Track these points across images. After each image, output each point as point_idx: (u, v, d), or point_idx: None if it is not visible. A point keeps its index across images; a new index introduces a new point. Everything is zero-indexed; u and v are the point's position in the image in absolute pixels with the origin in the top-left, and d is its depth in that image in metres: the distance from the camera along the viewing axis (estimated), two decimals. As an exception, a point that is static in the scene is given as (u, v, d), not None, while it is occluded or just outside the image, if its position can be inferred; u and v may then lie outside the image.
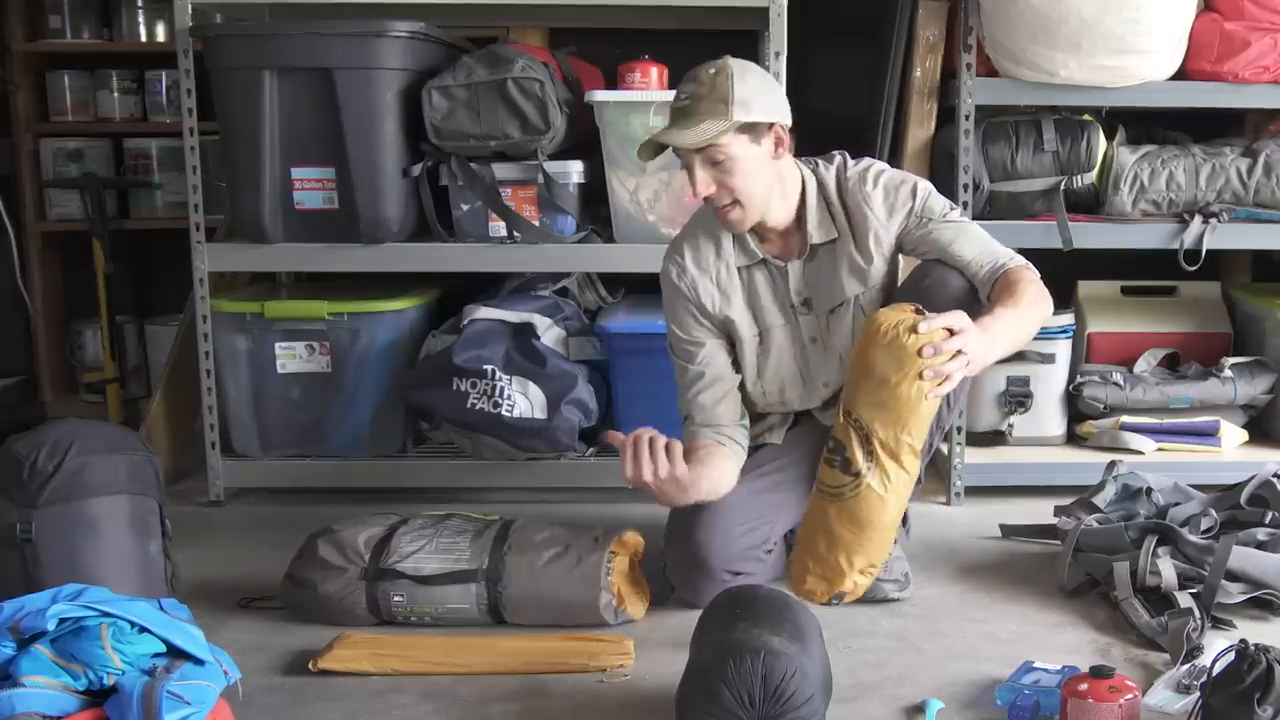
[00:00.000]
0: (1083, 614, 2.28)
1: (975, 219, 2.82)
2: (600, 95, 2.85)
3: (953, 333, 1.95)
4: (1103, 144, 2.96)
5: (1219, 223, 2.91)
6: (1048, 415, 3.09)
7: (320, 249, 2.90)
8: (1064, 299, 3.17)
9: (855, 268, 2.28)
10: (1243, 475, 2.59)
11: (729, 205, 2.20)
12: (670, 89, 2.88)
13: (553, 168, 2.86)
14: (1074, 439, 3.13)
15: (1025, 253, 2.28)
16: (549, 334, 2.96)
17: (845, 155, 2.35)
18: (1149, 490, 2.57)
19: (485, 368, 2.84)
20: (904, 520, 2.37)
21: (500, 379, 2.83)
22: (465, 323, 2.95)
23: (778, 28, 2.86)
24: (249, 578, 2.45)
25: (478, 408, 2.83)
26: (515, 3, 3.08)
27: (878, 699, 1.95)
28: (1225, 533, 2.33)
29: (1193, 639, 2.04)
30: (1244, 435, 3.08)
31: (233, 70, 2.81)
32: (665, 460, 2.07)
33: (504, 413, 2.82)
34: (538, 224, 2.89)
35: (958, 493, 2.98)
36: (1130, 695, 1.73)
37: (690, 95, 2.14)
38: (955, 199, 2.85)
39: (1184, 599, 2.16)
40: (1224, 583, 2.19)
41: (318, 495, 2.99)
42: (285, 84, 2.80)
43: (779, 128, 2.20)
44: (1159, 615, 2.14)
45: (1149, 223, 2.95)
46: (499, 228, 2.90)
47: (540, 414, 2.85)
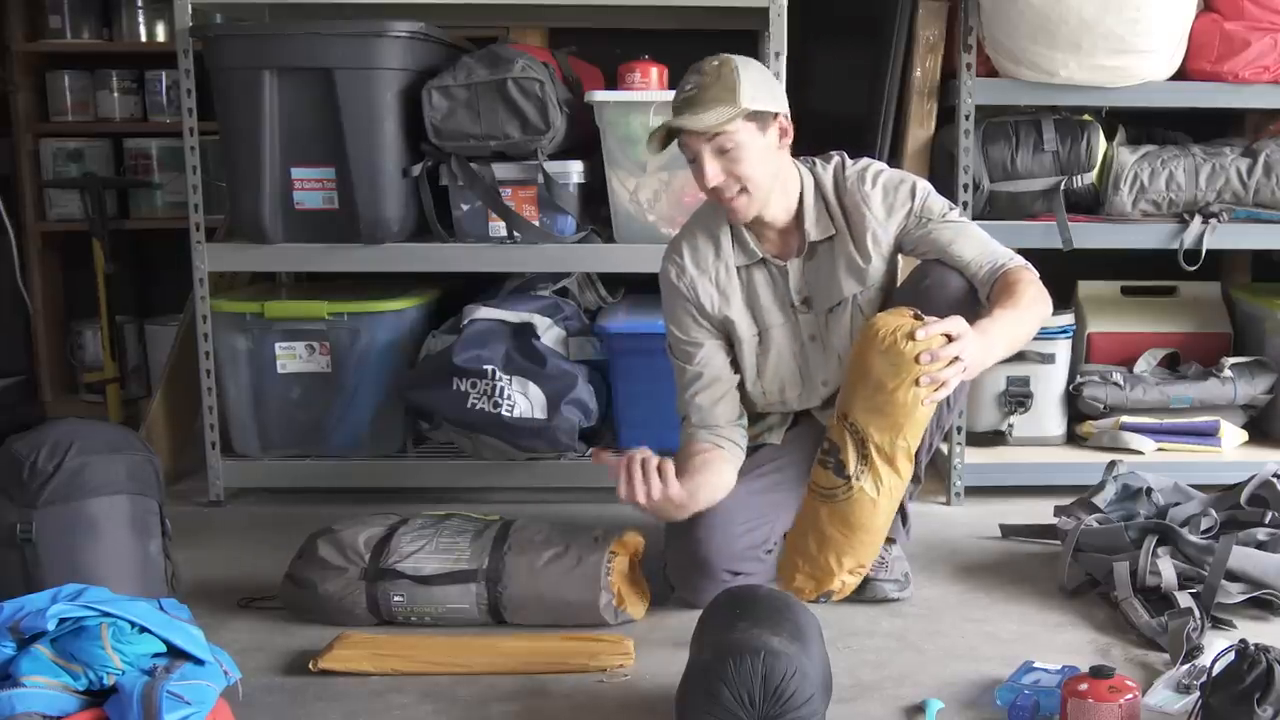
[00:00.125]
0: (1083, 614, 2.28)
1: (975, 219, 2.82)
2: (600, 95, 2.85)
3: (950, 338, 1.95)
4: (1103, 144, 2.96)
5: (1219, 223, 2.90)
6: (1048, 415, 3.09)
7: (320, 249, 2.90)
8: (1064, 299, 3.17)
9: (853, 267, 2.28)
10: (1243, 475, 2.59)
11: (737, 195, 2.19)
12: (670, 89, 2.88)
13: (553, 168, 2.86)
14: (1074, 439, 3.13)
15: (1025, 253, 2.28)
16: (549, 334, 2.96)
17: (843, 155, 2.35)
18: (1149, 490, 2.57)
19: (485, 368, 2.84)
20: (904, 520, 2.38)
21: (500, 379, 2.83)
22: (465, 323, 2.95)
23: (778, 28, 2.86)
24: (249, 578, 2.45)
25: (478, 408, 2.83)
26: (515, 3, 3.08)
27: (878, 699, 1.95)
28: (1225, 533, 2.33)
29: (1193, 639, 2.04)
30: (1244, 435, 3.08)
31: (233, 70, 2.81)
32: (658, 482, 2.07)
33: (504, 413, 2.82)
34: (538, 224, 2.89)
35: (958, 493, 2.98)
36: (1130, 695, 1.73)
37: (697, 85, 2.14)
38: (955, 199, 2.85)
39: (1184, 599, 2.16)
40: (1224, 583, 2.18)
41: (318, 495, 2.99)
42: (285, 84, 2.80)
43: (783, 118, 2.22)
44: (1159, 615, 2.14)
45: (1149, 223, 2.95)
46: (499, 228, 2.90)
47: (540, 414, 2.85)
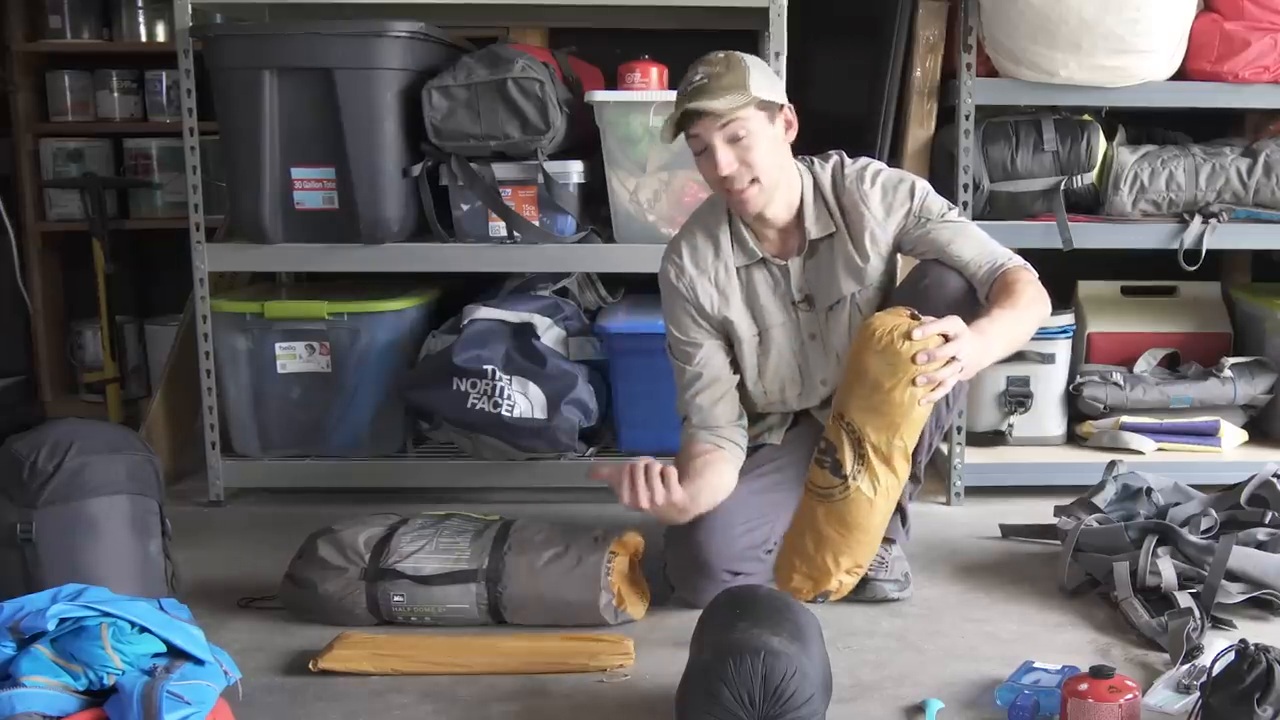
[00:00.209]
0: (1083, 614, 2.28)
1: (975, 219, 2.82)
2: (600, 95, 2.85)
3: (947, 338, 1.95)
4: (1103, 144, 2.96)
5: (1219, 223, 2.90)
6: (1048, 415, 3.09)
7: (320, 249, 2.90)
8: (1064, 299, 3.17)
9: (851, 266, 2.28)
10: (1243, 475, 2.58)
11: (748, 185, 2.18)
12: (670, 89, 2.89)
13: (553, 168, 2.86)
14: (1074, 439, 3.13)
15: (1025, 253, 2.27)
16: (549, 334, 2.96)
17: (842, 154, 2.34)
18: (1149, 490, 2.57)
19: (485, 368, 2.84)
20: (904, 520, 2.38)
21: (500, 379, 2.83)
22: (465, 323, 2.95)
23: (778, 28, 2.86)
24: (249, 578, 2.45)
25: (478, 408, 2.83)
26: (515, 3, 3.08)
27: (878, 699, 1.95)
28: (1225, 533, 2.33)
29: (1193, 639, 2.04)
30: (1244, 435, 3.08)
31: (233, 70, 2.81)
32: (661, 488, 2.07)
33: (504, 413, 2.82)
34: (538, 224, 2.89)
35: (958, 493, 2.97)
36: (1130, 695, 1.73)
37: (707, 75, 2.14)
38: (955, 199, 2.85)
39: (1184, 599, 2.16)
40: (1224, 583, 2.18)
41: (318, 495, 2.99)
42: (285, 84, 2.80)
43: (787, 110, 2.23)
44: (1159, 615, 2.13)
45: (1149, 223, 2.95)
46: (499, 228, 2.90)
47: (540, 414, 2.85)
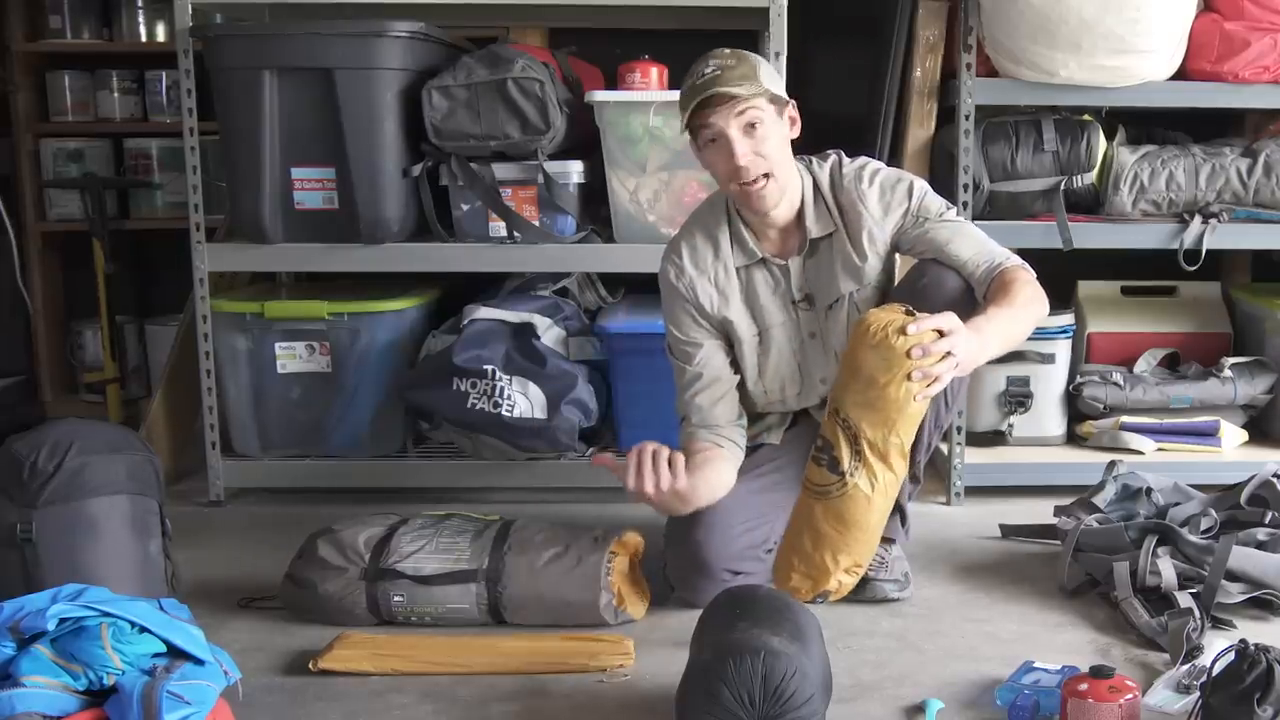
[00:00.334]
0: (1083, 614, 2.28)
1: (975, 219, 2.82)
2: (600, 95, 2.85)
3: (942, 334, 1.95)
4: (1103, 144, 2.96)
5: (1219, 223, 2.90)
6: (1048, 415, 3.09)
7: (320, 249, 2.90)
8: (1064, 299, 3.17)
9: (849, 265, 2.28)
10: (1243, 475, 2.58)
11: (762, 179, 2.18)
12: (670, 89, 2.89)
13: (553, 168, 2.86)
14: (1074, 439, 3.13)
15: (1025, 253, 2.27)
16: (549, 334, 2.96)
17: (840, 154, 2.34)
18: (1149, 490, 2.57)
19: (485, 368, 2.84)
20: (903, 520, 2.38)
21: (500, 379, 2.83)
22: (465, 323, 2.95)
23: (778, 28, 2.86)
24: (249, 578, 2.45)
25: (478, 408, 2.83)
26: (515, 3, 3.08)
27: (878, 699, 1.95)
28: (1225, 533, 2.33)
29: (1193, 639, 2.04)
30: (1244, 435, 3.08)
31: (233, 70, 2.81)
32: (668, 473, 2.07)
33: (504, 413, 2.82)
34: (538, 224, 2.89)
35: (958, 493, 2.97)
36: (1130, 695, 1.73)
37: (719, 67, 2.14)
38: (955, 199, 2.85)
39: (1184, 599, 2.16)
40: (1224, 583, 2.18)
41: (318, 495, 2.99)
42: (285, 84, 2.80)
43: (791, 108, 2.23)
44: (1159, 615, 2.13)
45: (1149, 223, 2.95)
46: (499, 228, 2.90)
47: (540, 414, 2.85)
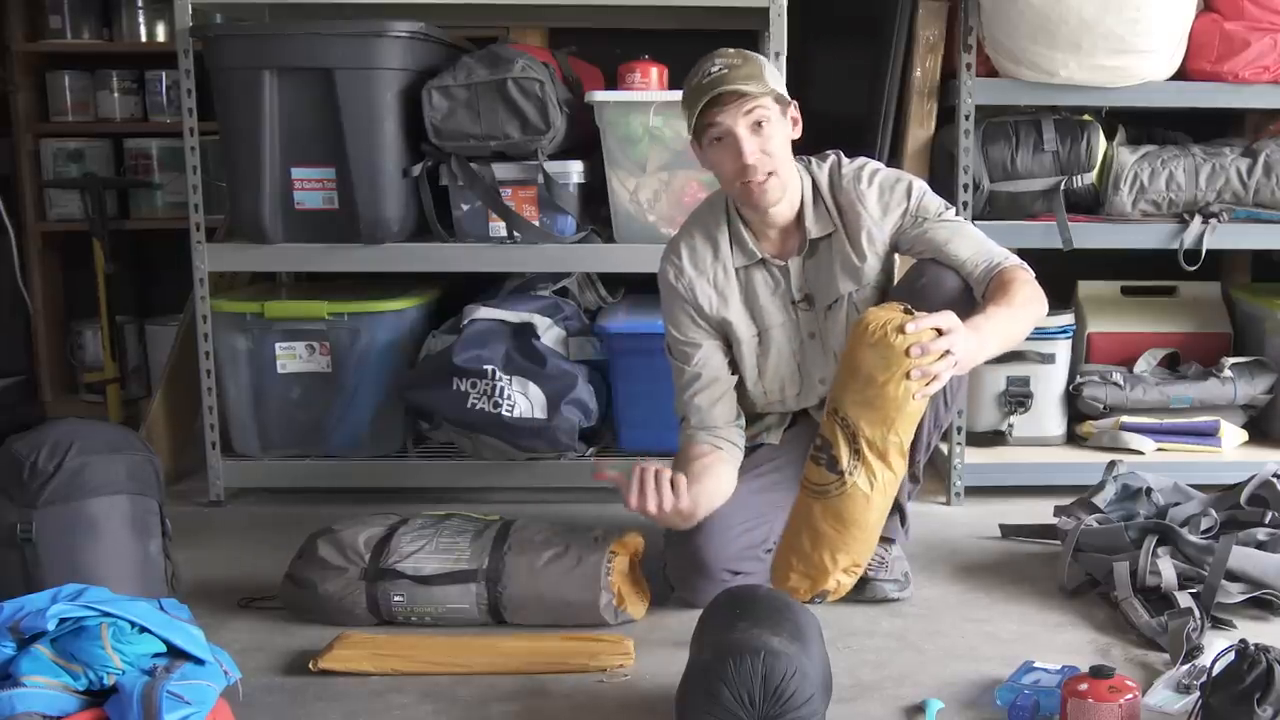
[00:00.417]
0: (1083, 614, 2.28)
1: (975, 219, 2.82)
2: (600, 95, 2.85)
3: (941, 333, 1.95)
4: (1103, 144, 2.96)
5: (1219, 223, 2.90)
6: (1048, 415, 3.09)
7: (320, 249, 2.90)
8: (1064, 299, 3.17)
9: (848, 265, 2.28)
10: (1243, 475, 2.58)
11: (767, 177, 2.18)
12: (670, 89, 2.89)
13: (553, 168, 2.86)
14: (1074, 439, 3.13)
15: (1025, 253, 2.27)
16: (549, 334, 2.96)
17: (839, 154, 2.35)
18: (1149, 490, 2.57)
19: (485, 368, 2.84)
20: (903, 520, 2.38)
21: (500, 379, 2.83)
22: (465, 323, 2.95)
23: (778, 28, 2.86)
24: (249, 578, 2.45)
25: (478, 408, 2.83)
26: (515, 3, 3.08)
27: (878, 699, 1.95)
28: (1225, 533, 2.33)
29: (1193, 639, 2.04)
30: (1244, 435, 3.08)
31: (233, 70, 2.81)
32: (670, 493, 2.08)
33: (504, 413, 2.82)
34: (538, 224, 2.89)
35: (958, 493, 2.97)
36: (1130, 695, 1.73)
37: (726, 65, 2.15)
38: (955, 199, 2.85)
39: (1184, 599, 2.16)
40: (1224, 583, 2.18)
41: (318, 495, 2.99)
42: (285, 84, 2.80)
43: (794, 108, 2.24)
44: (1159, 615, 2.13)
45: (1149, 223, 2.95)
46: (499, 228, 2.90)
47: (540, 414, 2.85)
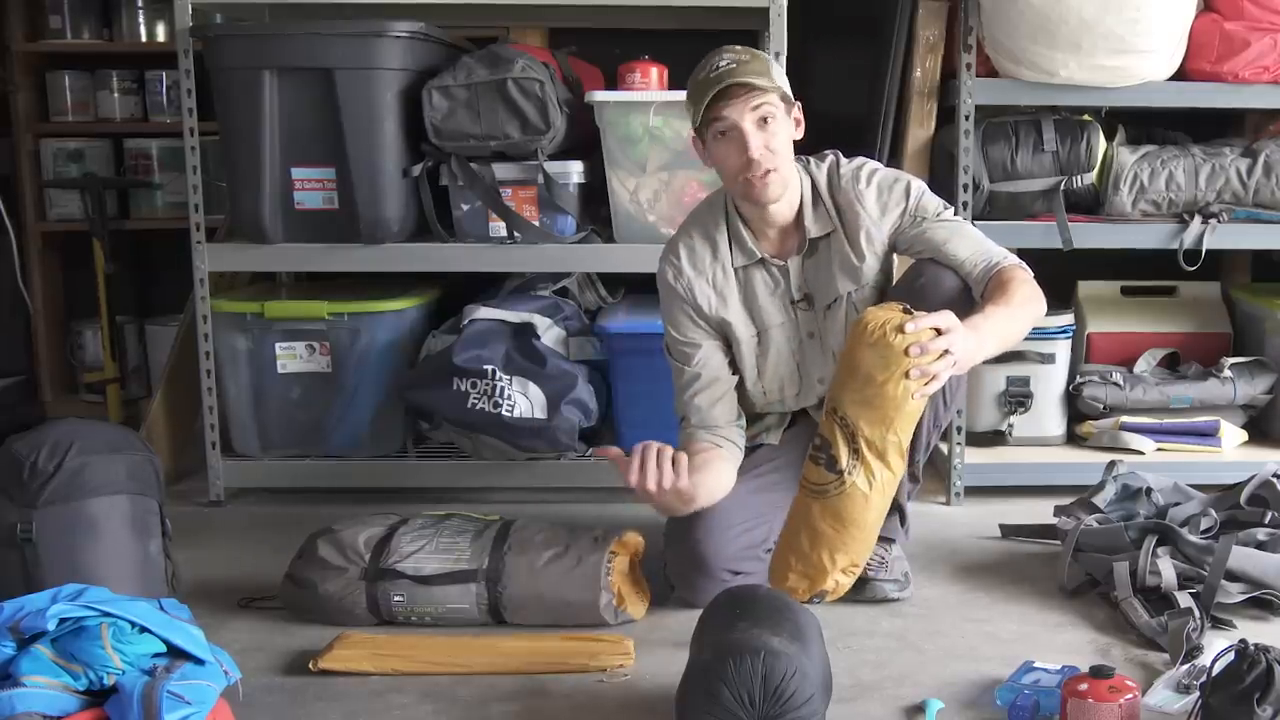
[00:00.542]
0: (1083, 614, 2.28)
1: (975, 219, 2.82)
2: (600, 95, 2.85)
3: (940, 332, 1.95)
4: (1103, 144, 2.96)
5: (1219, 223, 2.90)
6: (1048, 415, 3.09)
7: (320, 249, 2.90)
8: (1064, 299, 3.17)
9: (847, 265, 2.28)
10: (1243, 475, 2.58)
11: (770, 172, 2.18)
12: (670, 89, 2.89)
13: (553, 168, 2.86)
14: (1074, 439, 3.13)
15: (1025, 253, 2.27)
16: (549, 334, 2.96)
17: (838, 154, 2.35)
18: (1149, 490, 2.57)
19: (485, 368, 2.84)
20: (903, 520, 2.38)
21: (500, 379, 2.83)
22: (465, 323, 2.95)
23: (778, 28, 2.86)
24: (249, 578, 2.45)
25: (478, 408, 2.83)
26: (515, 3, 3.08)
27: (878, 699, 1.95)
28: (1225, 533, 2.33)
29: (1193, 639, 2.04)
30: (1244, 435, 3.08)
31: (233, 70, 2.81)
32: (670, 471, 2.08)
33: (504, 413, 2.82)
34: (538, 224, 2.89)
35: (958, 493, 2.97)
36: (1130, 695, 1.73)
37: (734, 61, 2.15)
38: (955, 199, 2.85)
39: (1184, 599, 2.16)
40: (1224, 583, 2.18)
41: (318, 495, 2.99)
42: (285, 84, 2.80)
43: (798, 108, 2.24)
44: (1159, 615, 2.14)
45: (1149, 223, 2.95)
46: (499, 228, 2.90)
47: (540, 414, 2.85)
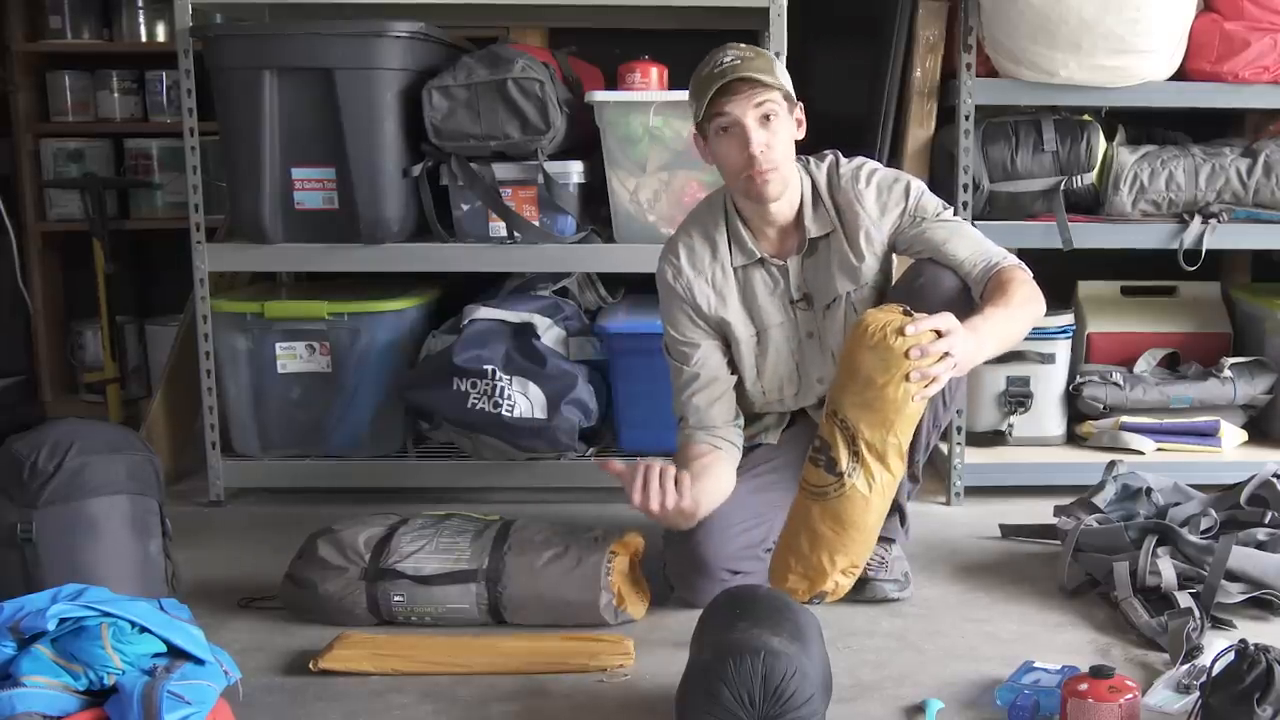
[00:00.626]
0: (1083, 614, 2.28)
1: (975, 219, 2.82)
2: (600, 95, 2.85)
3: (940, 334, 1.95)
4: (1103, 144, 2.96)
5: (1219, 223, 2.90)
6: (1048, 415, 3.09)
7: (320, 249, 2.90)
8: (1064, 299, 3.17)
9: (846, 265, 2.28)
10: (1243, 475, 2.58)
11: (771, 170, 2.18)
12: (670, 89, 2.89)
13: (553, 168, 2.86)
14: (1074, 439, 3.13)
15: (1025, 253, 2.28)
16: (549, 334, 2.96)
17: (837, 154, 2.35)
18: (1149, 490, 2.57)
19: (485, 368, 2.84)
20: (903, 520, 2.38)
21: (500, 379, 2.83)
22: (465, 323, 2.95)
23: (778, 28, 2.86)
24: (249, 578, 2.45)
25: (478, 408, 2.83)
26: (515, 3, 3.08)
27: (878, 699, 1.95)
28: (1225, 533, 2.33)
29: (1193, 639, 2.04)
30: (1244, 435, 3.08)
31: (233, 70, 2.82)
32: (673, 491, 2.08)
33: (504, 413, 2.82)
34: (538, 224, 2.89)
35: (958, 493, 2.97)
36: (1130, 695, 1.73)
37: (739, 58, 2.15)
38: (955, 199, 2.85)
39: (1184, 599, 2.16)
40: (1224, 583, 2.18)
41: (318, 495, 2.99)
42: (285, 84, 2.80)
43: (800, 109, 2.24)
44: (1159, 615, 2.14)
45: (1149, 223, 2.95)
46: (499, 228, 2.90)
47: (540, 414, 2.85)
